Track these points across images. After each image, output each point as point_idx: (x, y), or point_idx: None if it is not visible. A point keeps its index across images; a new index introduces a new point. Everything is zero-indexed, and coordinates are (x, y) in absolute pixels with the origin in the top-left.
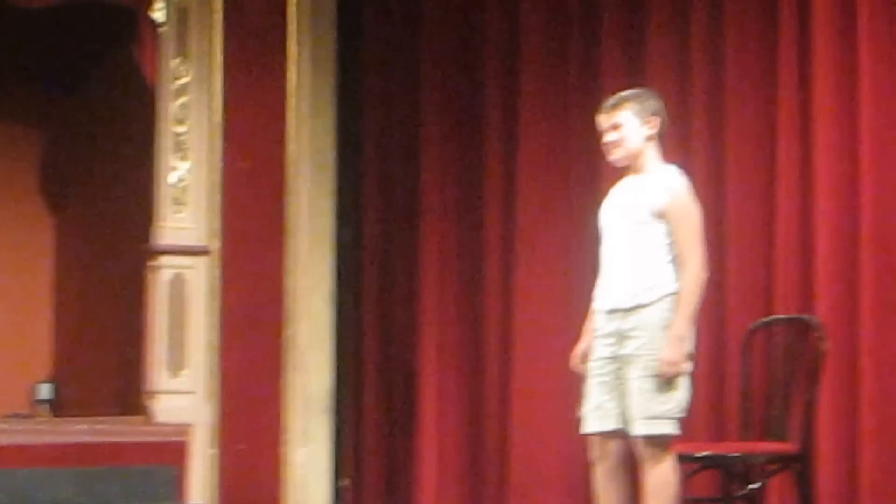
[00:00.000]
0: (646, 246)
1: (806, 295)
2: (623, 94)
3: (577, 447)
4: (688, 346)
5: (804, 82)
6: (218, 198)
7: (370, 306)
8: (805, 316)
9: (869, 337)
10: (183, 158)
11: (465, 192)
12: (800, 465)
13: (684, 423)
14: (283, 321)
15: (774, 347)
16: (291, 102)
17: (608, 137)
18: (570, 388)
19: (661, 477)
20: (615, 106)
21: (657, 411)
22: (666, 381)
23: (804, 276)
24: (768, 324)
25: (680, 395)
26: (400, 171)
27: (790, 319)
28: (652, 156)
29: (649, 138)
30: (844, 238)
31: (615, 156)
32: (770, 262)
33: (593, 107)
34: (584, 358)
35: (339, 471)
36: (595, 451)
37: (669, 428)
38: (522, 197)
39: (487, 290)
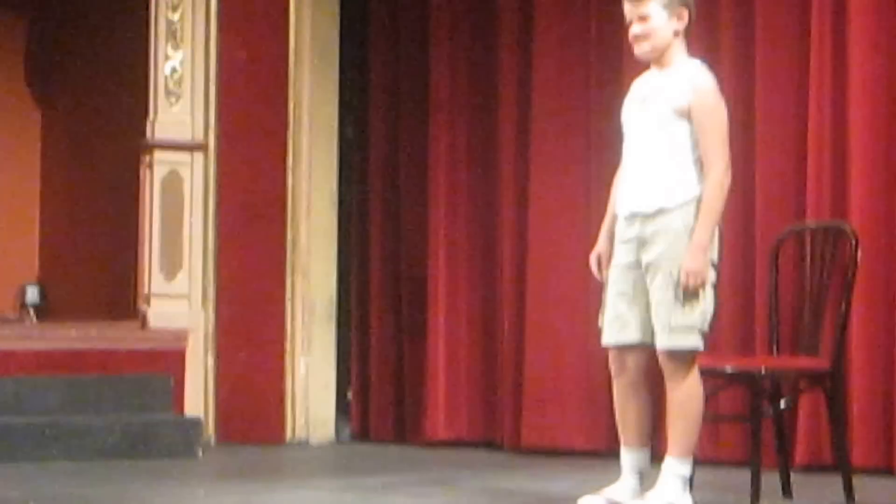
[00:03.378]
0: (669, 146)
1: (839, 200)
2: None
3: (596, 358)
4: (711, 254)
5: None
6: (214, 90)
7: (376, 207)
8: (838, 222)
9: None
10: (176, 47)
11: (477, 88)
12: (831, 383)
13: (709, 336)
14: (284, 222)
15: (805, 256)
16: None
17: (635, 29)
18: (589, 295)
19: (686, 392)
20: None
21: (680, 323)
22: (689, 292)
23: (837, 181)
24: (799, 231)
25: (704, 307)
26: (408, 64)
27: (822, 226)
28: (678, 50)
29: (676, 32)
30: (880, 138)
31: (641, 49)
32: (801, 165)
33: None
34: (603, 261)
35: (343, 382)
36: (614, 364)
37: (693, 341)
38: (538, 92)
39: (501, 189)
